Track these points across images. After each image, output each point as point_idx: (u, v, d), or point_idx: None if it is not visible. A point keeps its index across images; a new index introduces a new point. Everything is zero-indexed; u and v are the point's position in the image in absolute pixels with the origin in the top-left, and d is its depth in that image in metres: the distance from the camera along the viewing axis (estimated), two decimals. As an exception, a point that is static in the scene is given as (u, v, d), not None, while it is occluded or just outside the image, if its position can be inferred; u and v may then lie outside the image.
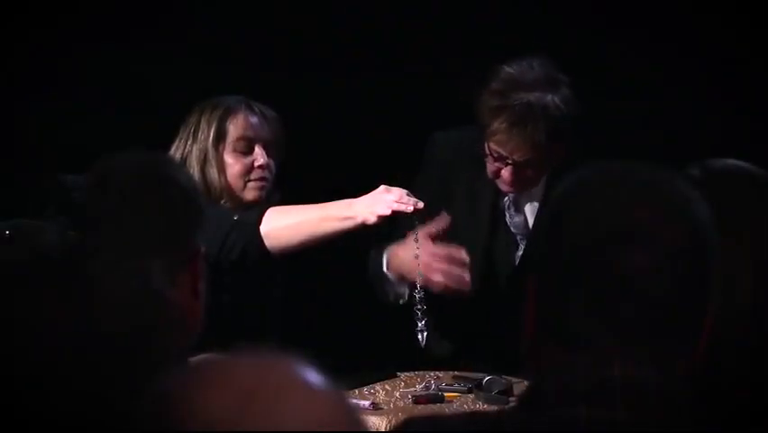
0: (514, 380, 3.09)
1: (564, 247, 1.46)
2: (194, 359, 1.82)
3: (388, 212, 3.11)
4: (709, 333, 1.48)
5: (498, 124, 3.18)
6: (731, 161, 2.01)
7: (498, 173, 3.27)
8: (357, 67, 4.04)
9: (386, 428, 2.83)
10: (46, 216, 2.47)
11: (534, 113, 3.16)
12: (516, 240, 3.42)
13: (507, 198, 3.40)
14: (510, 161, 3.23)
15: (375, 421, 2.85)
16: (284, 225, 3.20)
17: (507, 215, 3.41)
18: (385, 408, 2.95)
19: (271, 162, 3.39)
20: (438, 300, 3.28)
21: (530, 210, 3.40)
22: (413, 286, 3.23)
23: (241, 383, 1.06)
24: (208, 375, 1.08)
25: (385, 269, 3.33)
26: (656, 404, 1.39)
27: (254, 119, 3.39)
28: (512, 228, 3.41)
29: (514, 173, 3.25)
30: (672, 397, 1.40)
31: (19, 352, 1.50)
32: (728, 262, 1.72)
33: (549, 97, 3.17)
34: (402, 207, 3.11)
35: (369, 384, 3.11)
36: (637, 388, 1.40)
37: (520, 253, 3.42)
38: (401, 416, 2.80)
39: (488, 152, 3.26)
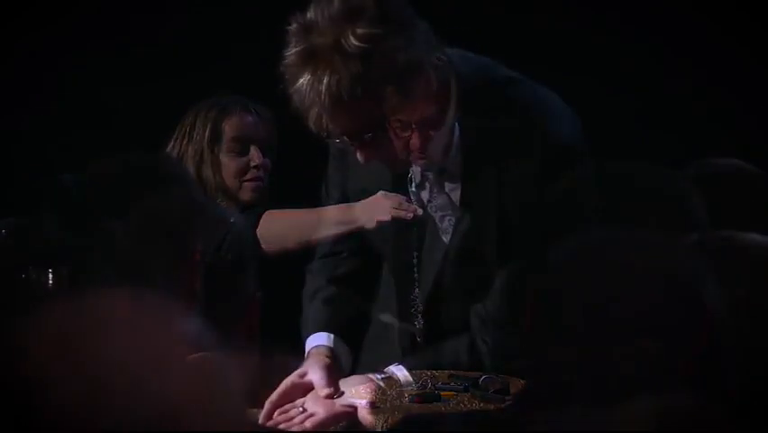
0: (510, 378, 3.08)
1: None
2: (191, 357, 1.82)
3: (387, 218, 3.07)
4: (708, 332, 1.48)
5: (304, 112, 2.67)
6: (730, 161, 2.02)
7: (358, 157, 2.76)
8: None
9: (382, 426, 2.82)
10: (43, 214, 2.47)
11: (317, 89, 2.61)
12: (440, 219, 3.05)
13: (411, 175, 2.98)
14: (346, 139, 2.71)
15: (371, 420, 2.85)
16: (280, 228, 3.19)
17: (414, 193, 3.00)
18: (381, 406, 2.95)
19: (267, 162, 3.38)
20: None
21: (452, 188, 3.00)
22: (410, 286, 3.21)
23: None
24: None
25: None
26: (654, 403, 1.39)
27: (249, 119, 3.38)
28: (436, 210, 3.03)
29: (360, 149, 2.72)
30: (671, 396, 1.40)
31: (14, 350, 1.49)
32: (727, 261, 1.72)
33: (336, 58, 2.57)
34: (402, 214, 3.07)
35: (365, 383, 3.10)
36: (635, 387, 1.39)
37: (449, 235, 3.03)
38: (397, 415, 2.79)
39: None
